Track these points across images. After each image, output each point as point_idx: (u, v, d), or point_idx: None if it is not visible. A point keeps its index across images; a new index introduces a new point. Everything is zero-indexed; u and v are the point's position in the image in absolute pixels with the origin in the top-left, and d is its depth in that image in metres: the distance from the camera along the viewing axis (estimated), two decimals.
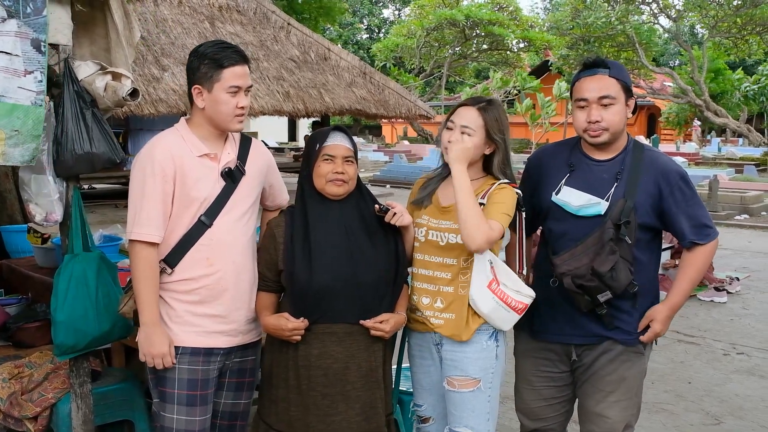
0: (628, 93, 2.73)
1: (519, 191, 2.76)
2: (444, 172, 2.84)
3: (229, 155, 2.74)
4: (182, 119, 2.77)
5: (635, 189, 2.67)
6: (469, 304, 2.71)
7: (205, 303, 2.67)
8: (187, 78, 2.69)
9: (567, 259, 2.68)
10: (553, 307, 2.81)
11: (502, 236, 2.71)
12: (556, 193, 2.79)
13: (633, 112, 2.81)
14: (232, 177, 2.71)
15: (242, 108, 2.65)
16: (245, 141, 2.85)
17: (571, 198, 2.75)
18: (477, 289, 2.68)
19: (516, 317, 2.73)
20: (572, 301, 2.72)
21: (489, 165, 2.80)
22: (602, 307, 2.67)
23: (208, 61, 2.62)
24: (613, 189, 2.69)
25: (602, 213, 2.67)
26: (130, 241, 2.61)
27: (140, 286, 2.60)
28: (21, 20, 2.65)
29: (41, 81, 2.73)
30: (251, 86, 2.72)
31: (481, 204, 2.67)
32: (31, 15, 2.67)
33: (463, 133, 2.70)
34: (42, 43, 2.71)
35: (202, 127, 2.70)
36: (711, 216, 2.87)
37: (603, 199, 2.69)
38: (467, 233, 2.57)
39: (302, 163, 2.80)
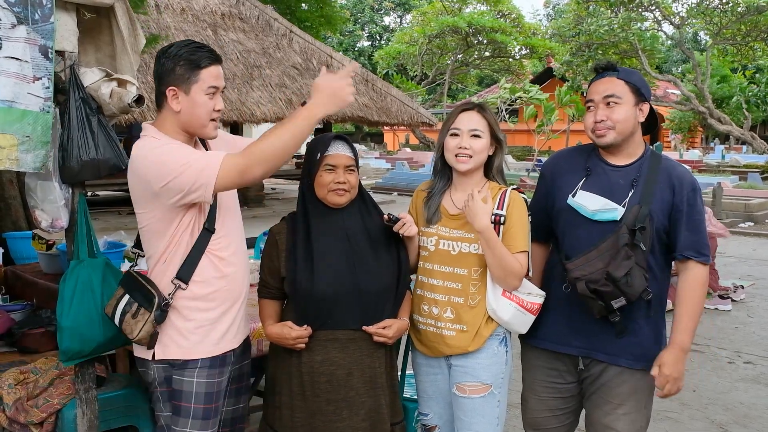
0: (638, 96, 2.70)
1: (525, 196, 2.80)
2: (443, 183, 2.85)
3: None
4: (150, 126, 2.61)
5: (651, 196, 2.64)
6: (483, 315, 2.73)
7: (220, 308, 2.64)
8: (158, 81, 2.57)
9: (581, 264, 2.64)
10: (561, 315, 2.79)
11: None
12: (573, 196, 2.77)
13: (651, 121, 2.77)
14: None
15: (218, 111, 2.58)
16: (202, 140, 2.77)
17: (588, 202, 2.72)
18: (495, 298, 2.71)
19: (532, 318, 2.76)
20: (583, 309, 2.68)
21: (488, 166, 2.83)
22: (615, 314, 2.64)
23: (184, 62, 2.51)
24: (629, 195, 2.67)
25: (618, 219, 2.65)
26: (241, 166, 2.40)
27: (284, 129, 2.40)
28: (30, 26, 2.66)
29: (48, 88, 2.73)
30: (225, 87, 2.65)
31: (499, 215, 2.70)
32: (39, 21, 2.68)
33: (473, 136, 2.72)
34: (49, 50, 2.72)
35: (177, 133, 2.59)
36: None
37: (619, 204, 2.66)
38: (506, 284, 2.70)
39: (303, 171, 2.80)
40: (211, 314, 2.63)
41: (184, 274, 2.58)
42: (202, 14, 14.18)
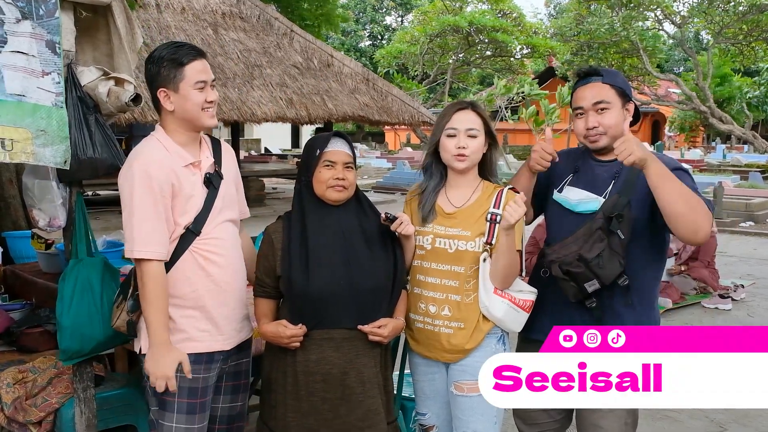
0: (624, 98, 2.75)
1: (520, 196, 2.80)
2: (435, 181, 2.86)
3: (207, 159, 2.73)
4: (158, 127, 2.71)
5: (633, 186, 2.67)
6: (480, 312, 2.73)
7: (205, 307, 2.66)
8: (149, 86, 2.66)
9: (557, 248, 2.70)
10: (552, 306, 2.81)
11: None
12: (559, 192, 2.83)
13: (635, 118, 2.81)
14: (213, 183, 2.69)
15: (211, 102, 2.64)
16: (216, 143, 2.83)
17: (570, 195, 2.80)
18: (487, 296, 2.71)
19: (525, 316, 2.77)
20: (562, 295, 2.70)
21: (482, 163, 2.84)
22: (591, 299, 2.66)
23: (167, 62, 2.59)
24: (610, 187, 2.72)
25: (597, 210, 2.69)
26: (139, 260, 2.53)
27: (154, 307, 2.52)
28: (35, 21, 2.67)
29: (59, 82, 2.74)
30: (215, 80, 2.71)
31: (496, 214, 2.71)
32: (44, 17, 2.69)
33: (470, 136, 2.73)
34: (56, 45, 2.73)
35: (178, 132, 2.66)
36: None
37: (600, 196, 2.71)
38: (504, 282, 2.72)
39: (300, 169, 2.80)
40: (193, 312, 2.65)
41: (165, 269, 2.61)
42: (203, 13, 14.16)
